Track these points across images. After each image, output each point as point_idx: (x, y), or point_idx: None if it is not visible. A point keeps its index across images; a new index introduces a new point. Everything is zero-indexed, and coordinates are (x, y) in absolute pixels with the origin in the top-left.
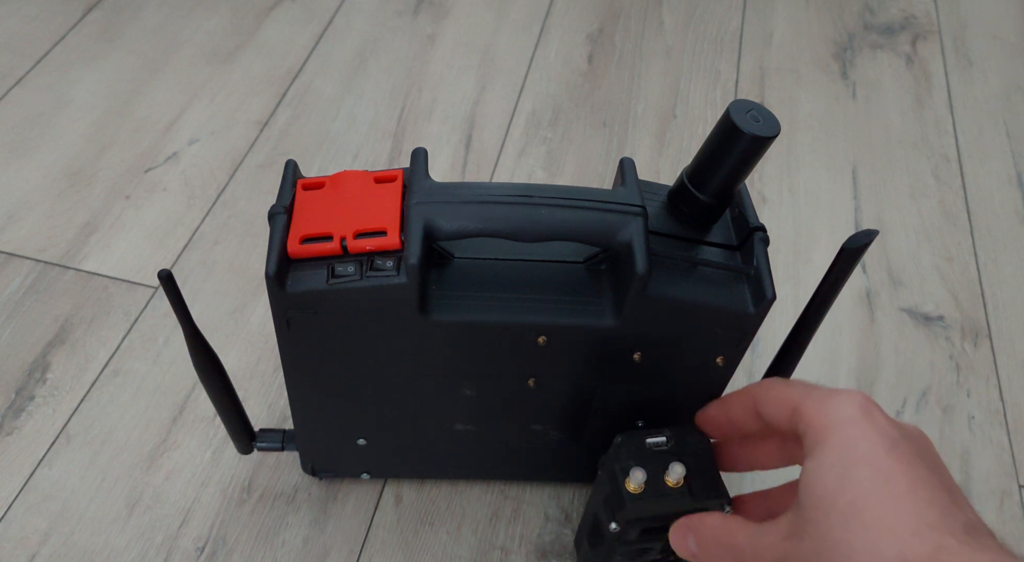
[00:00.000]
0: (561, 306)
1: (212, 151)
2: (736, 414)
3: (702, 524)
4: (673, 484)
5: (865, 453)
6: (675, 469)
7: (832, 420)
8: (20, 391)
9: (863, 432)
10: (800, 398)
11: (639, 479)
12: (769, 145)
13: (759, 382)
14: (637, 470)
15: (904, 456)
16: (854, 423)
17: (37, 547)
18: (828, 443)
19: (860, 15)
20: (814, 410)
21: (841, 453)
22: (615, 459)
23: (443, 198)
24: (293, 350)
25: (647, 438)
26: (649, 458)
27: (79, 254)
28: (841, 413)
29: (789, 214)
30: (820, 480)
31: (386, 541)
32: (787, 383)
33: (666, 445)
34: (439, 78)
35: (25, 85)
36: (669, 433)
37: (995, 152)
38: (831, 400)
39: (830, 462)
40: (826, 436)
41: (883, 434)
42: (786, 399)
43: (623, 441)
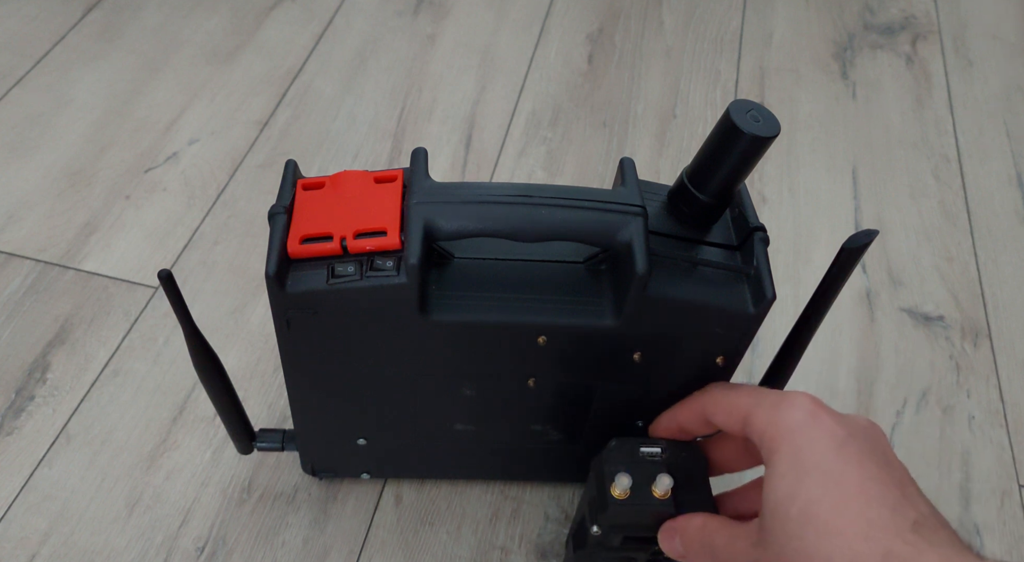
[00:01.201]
0: (561, 306)
1: (212, 151)
2: (687, 423)
3: (688, 525)
4: (659, 495)
5: (814, 458)
6: (663, 480)
7: (781, 428)
8: (20, 391)
9: (810, 437)
10: (749, 407)
11: (624, 485)
12: (769, 145)
13: (705, 390)
14: (624, 476)
15: (853, 455)
16: (801, 429)
17: (37, 547)
18: (780, 452)
19: (860, 15)
20: (764, 420)
21: (791, 461)
22: (605, 462)
23: (443, 198)
24: (293, 350)
25: (642, 446)
26: (640, 466)
27: (79, 254)
28: (788, 420)
29: (789, 214)
30: (775, 489)
31: (386, 541)
32: (734, 390)
33: (659, 456)
34: (439, 78)
35: (25, 85)
36: (666, 445)
37: (995, 152)
38: (778, 408)
39: (782, 471)
40: (777, 445)
41: (831, 436)
42: (735, 408)
43: (616, 445)
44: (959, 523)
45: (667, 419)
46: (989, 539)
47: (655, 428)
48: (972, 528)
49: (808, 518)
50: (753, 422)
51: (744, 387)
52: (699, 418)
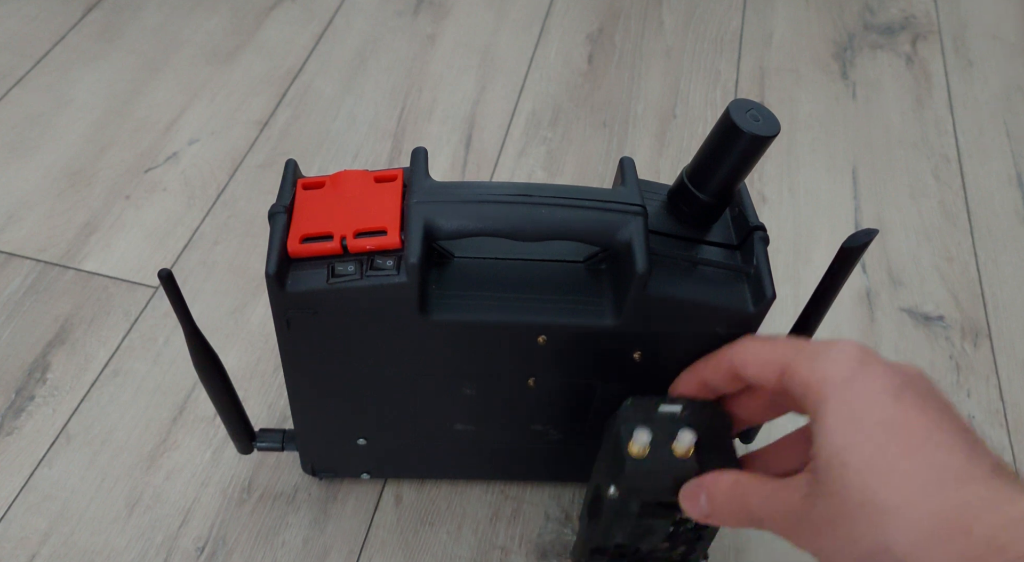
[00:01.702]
0: (561, 306)
1: (212, 151)
2: (711, 379)
3: (716, 483)
4: (681, 453)
5: (872, 406)
6: (684, 437)
7: (830, 376)
8: (20, 391)
9: (864, 385)
10: (789, 358)
11: (643, 441)
12: (769, 145)
13: (733, 344)
14: (642, 431)
15: (913, 402)
16: (854, 376)
17: (37, 547)
18: (832, 401)
19: (860, 15)
20: (808, 370)
21: (847, 410)
22: (621, 420)
23: (443, 198)
24: (293, 350)
25: (661, 405)
26: (659, 423)
27: (79, 254)
28: (838, 368)
29: (789, 214)
30: (831, 439)
31: (386, 541)
32: (768, 342)
33: (679, 414)
34: (439, 78)
35: (25, 85)
36: (686, 403)
37: (995, 152)
38: (825, 355)
39: (838, 421)
40: (827, 394)
41: (886, 383)
42: (771, 360)
43: (633, 404)
44: None
45: (689, 376)
46: None
47: (675, 386)
48: None
49: (873, 468)
50: (795, 372)
51: (778, 338)
52: (726, 373)
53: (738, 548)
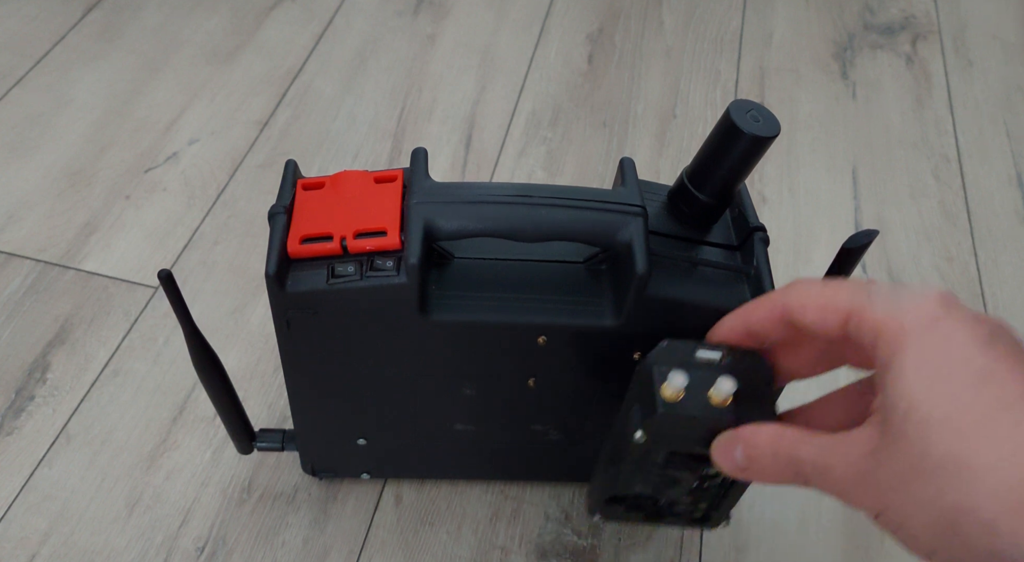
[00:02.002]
0: (561, 306)
1: (212, 151)
2: (759, 324)
3: (755, 435)
4: (718, 401)
5: (959, 356)
6: (724, 384)
7: (911, 322)
8: (20, 391)
9: (951, 332)
10: (858, 302)
11: (678, 385)
12: (769, 145)
13: (788, 286)
14: (678, 374)
15: (1003, 354)
16: (938, 323)
17: (37, 547)
18: (912, 349)
19: (860, 15)
20: (883, 314)
21: (930, 359)
22: (654, 362)
23: (443, 198)
24: (293, 350)
25: (699, 349)
26: (696, 369)
27: (79, 254)
28: (920, 313)
29: (789, 214)
30: (910, 391)
31: (386, 541)
32: (830, 285)
33: (719, 361)
34: (439, 78)
35: (25, 85)
36: (727, 350)
37: (995, 152)
38: (901, 301)
39: (919, 370)
40: (907, 341)
41: (974, 332)
42: (835, 304)
43: (668, 346)
44: None
45: (733, 320)
46: None
47: (716, 331)
48: None
49: (960, 423)
50: (866, 316)
51: (841, 281)
52: (778, 318)
53: (738, 547)
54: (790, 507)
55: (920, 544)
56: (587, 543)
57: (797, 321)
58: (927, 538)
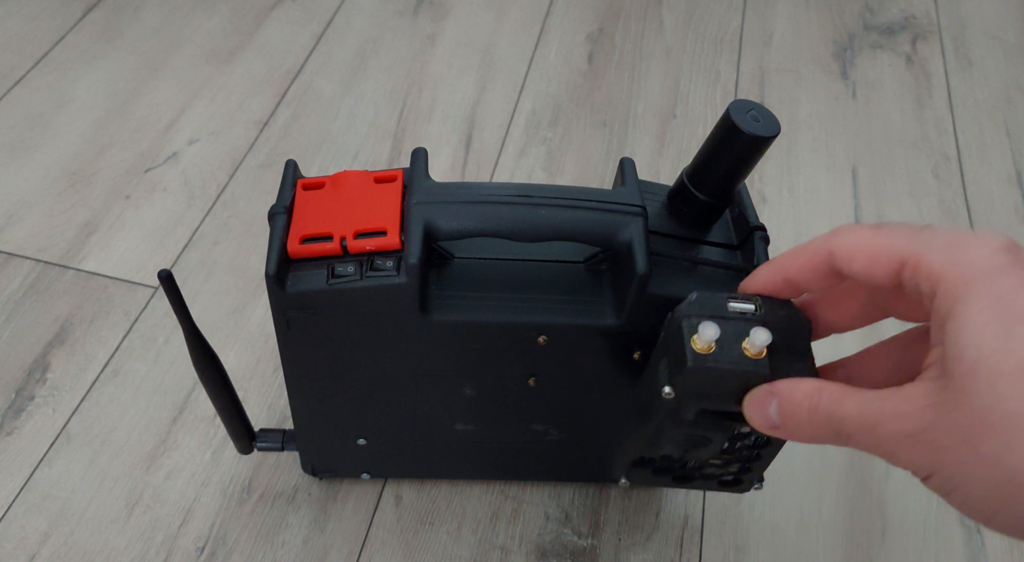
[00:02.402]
0: (561, 306)
1: (212, 151)
2: (800, 273)
3: (793, 390)
4: (753, 354)
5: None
6: (758, 335)
7: (973, 270)
8: (20, 391)
9: (1019, 281)
10: (914, 248)
11: (709, 337)
12: (769, 145)
13: (833, 232)
14: (709, 325)
15: None
16: (1003, 270)
17: (37, 547)
18: (976, 298)
19: (860, 15)
20: (943, 261)
21: (997, 308)
22: (685, 314)
23: (443, 198)
24: (293, 350)
25: (731, 301)
26: (728, 320)
27: (79, 254)
28: (983, 261)
29: (789, 214)
30: (974, 342)
31: (386, 541)
32: (882, 229)
33: (753, 314)
34: (439, 78)
35: (25, 85)
36: (760, 301)
37: (995, 151)
38: (964, 246)
39: (984, 319)
40: (969, 290)
41: None
42: (888, 250)
43: (698, 298)
44: (959, 522)
45: (769, 270)
46: (989, 538)
47: (750, 281)
48: (972, 526)
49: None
50: (924, 263)
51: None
52: (822, 266)
53: (738, 547)
54: (790, 507)
55: (979, 507)
56: (587, 543)
57: (843, 269)
58: (989, 500)
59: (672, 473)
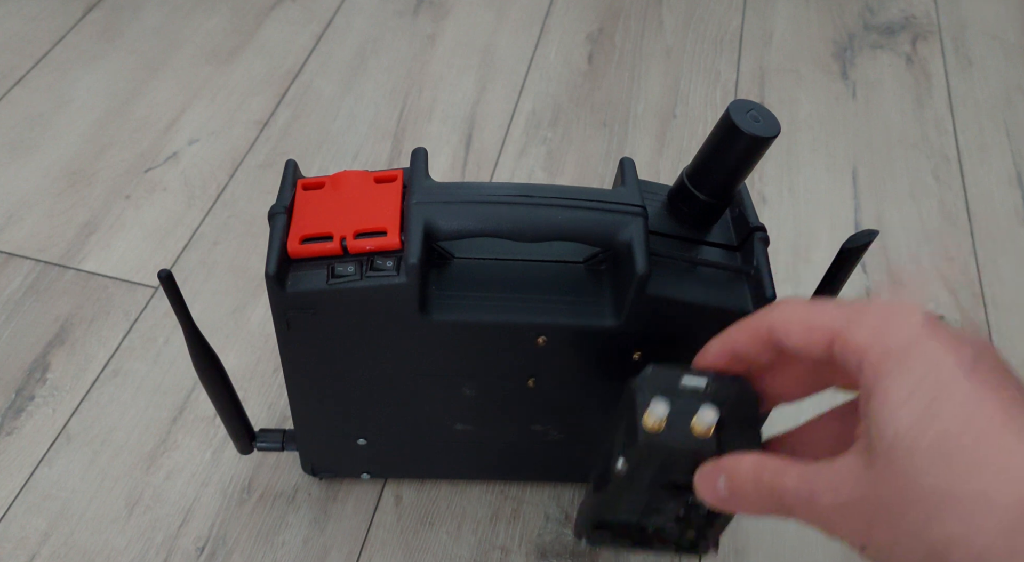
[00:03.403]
0: (561, 306)
1: (212, 151)
2: (745, 347)
3: (738, 464)
4: (700, 431)
5: (944, 382)
6: (706, 414)
7: (894, 346)
8: (20, 391)
9: (934, 356)
10: (841, 324)
11: (660, 414)
12: (769, 145)
13: (773, 307)
14: (660, 402)
15: (987, 378)
16: (921, 345)
17: (37, 547)
18: (896, 373)
19: (860, 15)
20: (866, 337)
21: (915, 384)
22: (638, 388)
23: (443, 198)
24: (293, 350)
25: (684, 376)
26: (679, 397)
27: (79, 254)
28: (903, 336)
29: (789, 214)
30: (896, 417)
31: (386, 541)
32: (815, 305)
33: (704, 390)
34: (439, 78)
35: (25, 85)
36: (712, 377)
37: (995, 152)
38: (885, 322)
39: (904, 394)
40: (890, 366)
41: (958, 354)
42: (818, 326)
43: (653, 372)
44: None
45: (718, 344)
46: None
47: (702, 357)
48: None
49: (948, 449)
50: (851, 340)
51: (826, 302)
52: (763, 340)
53: (737, 549)
54: None
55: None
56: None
57: (782, 343)
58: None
59: (631, 537)
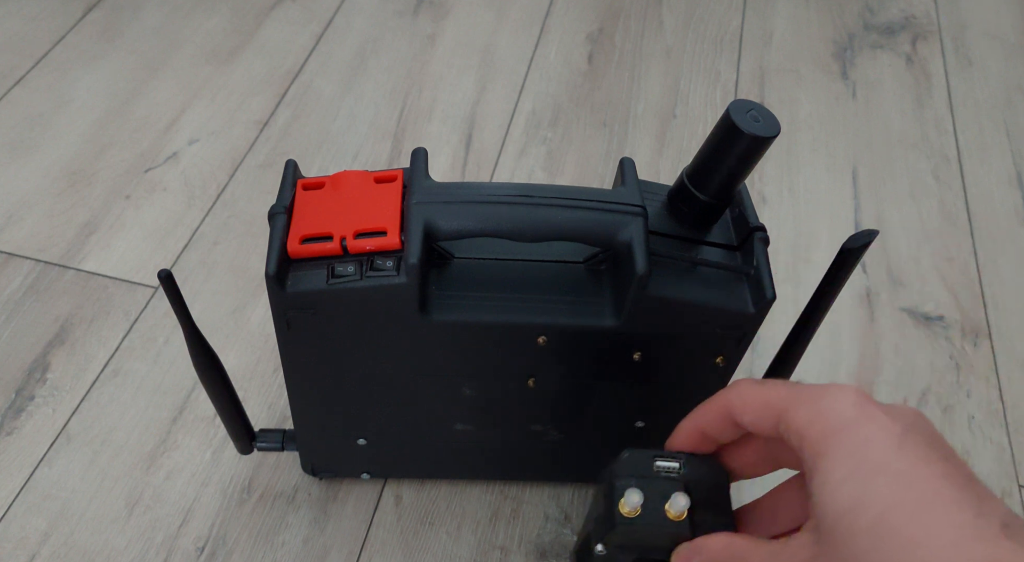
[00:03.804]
0: (561, 306)
1: (212, 151)
2: (710, 426)
3: (708, 545)
4: (673, 516)
5: (875, 459)
6: (678, 500)
7: (829, 427)
8: (20, 391)
9: (865, 435)
10: (784, 404)
11: (635, 502)
12: (769, 145)
13: (730, 387)
14: (634, 492)
15: (916, 452)
16: (854, 426)
17: (37, 547)
18: (832, 454)
19: (860, 15)
20: (804, 417)
21: (849, 464)
22: (615, 475)
23: (443, 198)
24: (293, 350)
25: (657, 459)
26: (654, 481)
27: (79, 254)
28: (835, 416)
29: (789, 214)
30: (835, 498)
31: (386, 541)
32: (765, 385)
33: (677, 472)
34: (439, 78)
35: (25, 85)
36: (684, 459)
37: (995, 152)
38: (821, 403)
39: (840, 476)
40: (826, 446)
41: (887, 432)
42: (767, 405)
43: (628, 457)
44: None
45: (687, 426)
46: None
47: (673, 439)
48: None
49: (884, 530)
50: (791, 420)
51: (775, 382)
52: (724, 419)
53: None
54: None
55: None
56: None
57: (739, 421)
58: None
59: None
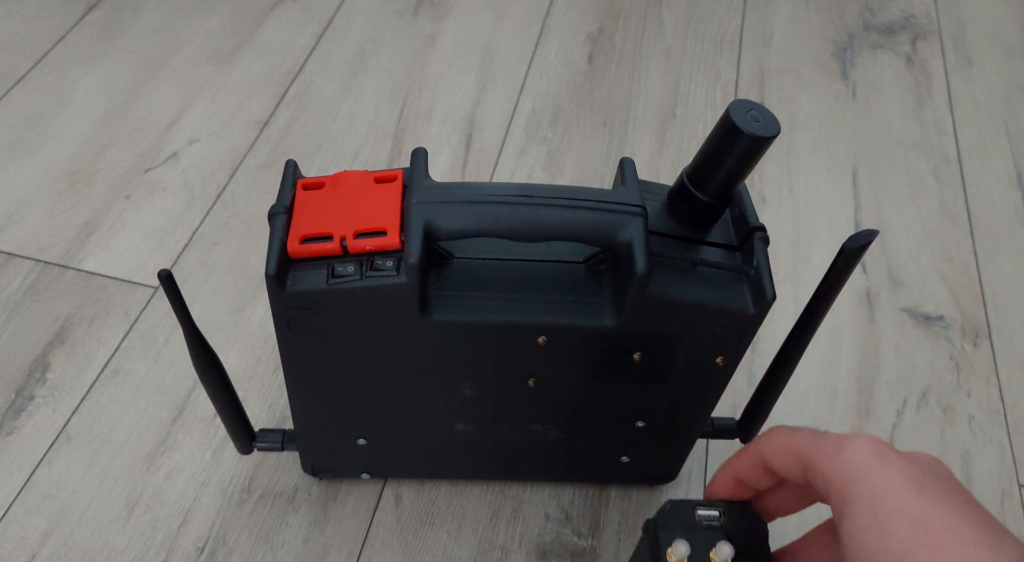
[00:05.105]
0: (561, 306)
1: (212, 151)
2: (745, 473)
3: None
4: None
5: (895, 503)
6: (723, 549)
7: (851, 474)
8: (20, 391)
9: (885, 481)
10: (810, 452)
11: (682, 553)
12: (769, 145)
13: (764, 435)
14: (681, 543)
15: (935, 496)
16: (874, 473)
17: (37, 547)
18: (856, 501)
19: (860, 15)
20: (828, 466)
21: (871, 509)
22: (661, 526)
23: (443, 198)
24: (293, 350)
25: (698, 509)
26: (697, 532)
27: (79, 254)
28: (856, 464)
29: (789, 214)
30: (861, 542)
31: (386, 541)
32: (795, 433)
33: (718, 521)
34: (439, 78)
35: (25, 85)
36: (723, 508)
37: (995, 152)
38: (842, 451)
39: (865, 521)
40: (850, 493)
41: (906, 477)
42: (795, 453)
43: (672, 508)
44: None
45: (723, 474)
46: None
47: (712, 488)
48: None
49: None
50: (816, 467)
51: (804, 430)
52: (758, 466)
53: None
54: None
55: None
56: (587, 543)
57: (771, 468)
58: None
59: None
